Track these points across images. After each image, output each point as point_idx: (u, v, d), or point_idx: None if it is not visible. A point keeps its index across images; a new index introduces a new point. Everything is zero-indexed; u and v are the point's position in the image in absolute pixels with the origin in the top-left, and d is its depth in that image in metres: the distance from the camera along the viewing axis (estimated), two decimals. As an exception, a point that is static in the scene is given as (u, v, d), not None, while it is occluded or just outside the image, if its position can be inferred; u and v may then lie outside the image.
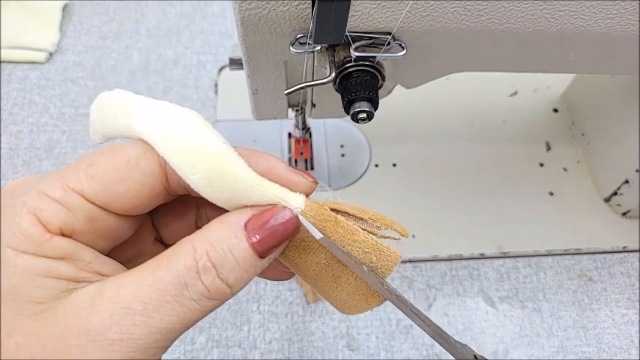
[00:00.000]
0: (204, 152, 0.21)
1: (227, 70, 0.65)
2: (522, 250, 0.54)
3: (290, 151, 0.58)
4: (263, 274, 0.27)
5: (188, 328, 0.21)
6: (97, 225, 0.22)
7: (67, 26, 0.68)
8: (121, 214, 0.23)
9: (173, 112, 0.22)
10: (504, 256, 0.54)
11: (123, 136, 0.23)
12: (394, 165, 0.58)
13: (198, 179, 0.21)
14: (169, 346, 0.21)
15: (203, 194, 0.22)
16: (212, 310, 0.21)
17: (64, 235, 0.21)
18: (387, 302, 0.25)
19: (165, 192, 0.23)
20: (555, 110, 0.64)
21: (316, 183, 0.24)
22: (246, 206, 0.22)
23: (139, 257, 0.22)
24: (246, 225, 0.21)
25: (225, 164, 0.22)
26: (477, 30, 0.30)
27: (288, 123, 0.59)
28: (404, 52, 0.31)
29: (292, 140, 0.58)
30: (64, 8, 0.69)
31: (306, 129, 0.55)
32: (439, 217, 0.55)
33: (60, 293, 0.20)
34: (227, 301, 0.51)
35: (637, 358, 0.49)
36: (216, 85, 0.64)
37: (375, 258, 0.24)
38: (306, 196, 0.23)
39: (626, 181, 0.54)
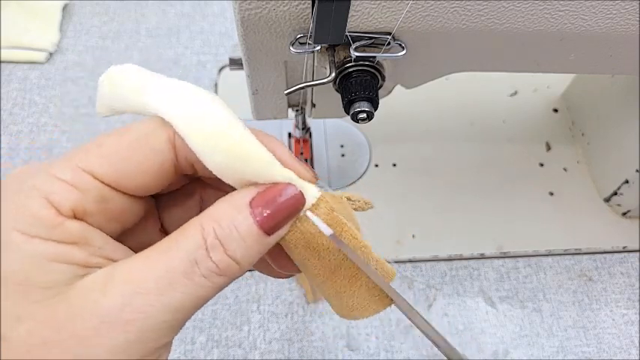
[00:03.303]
0: (227, 134, 0.21)
1: (227, 70, 0.65)
2: (522, 250, 0.54)
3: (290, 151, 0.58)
4: (267, 271, 0.27)
5: (199, 307, 0.21)
6: (108, 206, 0.22)
7: (67, 26, 0.68)
8: (132, 194, 0.22)
9: (193, 91, 0.22)
10: (504, 256, 0.54)
11: (134, 111, 0.23)
12: (394, 165, 0.58)
13: (220, 161, 0.21)
14: (182, 326, 0.21)
15: (221, 176, 0.22)
16: (222, 288, 0.22)
17: (75, 218, 0.21)
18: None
19: (173, 170, 0.23)
20: (555, 110, 0.64)
21: (317, 178, 0.24)
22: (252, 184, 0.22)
23: (144, 247, 0.22)
24: (251, 202, 0.22)
25: (248, 147, 0.22)
26: (476, 30, 0.30)
27: (288, 123, 0.59)
28: (404, 52, 0.31)
29: (292, 140, 0.58)
30: (64, 8, 0.69)
31: (306, 129, 0.55)
32: (439, 217, 0.55)
33: (70, 279, 0.20)
34: (227, 301, 0.51)
35: (637, 358, 0.49)
36: (216, 85, 0.64)
37: (373, 264, 0.25)
38: None
39: (626, 181, 0.54)
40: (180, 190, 0.27)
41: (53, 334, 0.19)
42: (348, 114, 0.32)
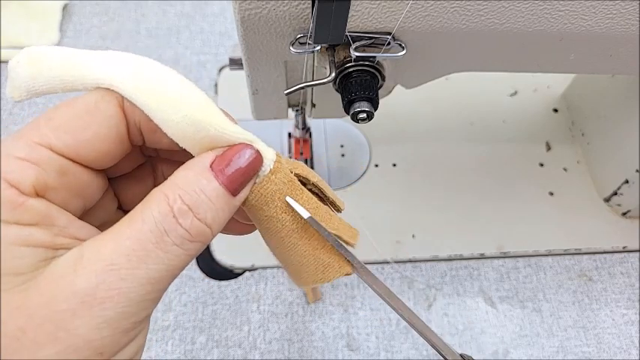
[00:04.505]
0: (185, 100, 0.22)
1: (227, 70, 0.65)
2: (522, 250, 0.54)
3: (290, 151, 0.58)
4: (229, 230, 0.27)
5: (175, 276, 0.21)
6: (69, 180, 0.21)
7: (67, 26, 0.68)
8: (92, 166, 0.22)
9: (139, 58, 0.22)
10: (504, 256, 0.54)
11: (65, 88, 0.23)
12: (394, 165, 0.58)
13: (178, 121, 0.21)
14: (160, 298, 0.21)
15: (177, 139, 0.22)
16: (195, 255, 0.22)
17: (38, 195, 0.20)
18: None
19: (128, 139, 0.23)
20: (555, 110, 0.64)
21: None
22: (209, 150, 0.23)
23: (104, 226, 0.22)
24: (211, 166, 0.22)
25: (206, 112, 0.22)
26: (476, 30, 0.30)
27: (288, 123, 0.59)
28: (404, 52, 0.31)
29: (292, 140, 0.58)
30: (64, 8, 0.69)
31: (306, 129, 0.55)
32: (439, 217, 0.55)
33: (39, 262, 0.19)
34: (227, 301, 0.51)
35: (637, 358, 0.49)
36: (216, 85, 0.64)
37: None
38: None
39: (626, 181, 0.54)
40: (135, 170, 0.27)
41: (28, 320, 0.18)
42: (348, 114, 0.32)
